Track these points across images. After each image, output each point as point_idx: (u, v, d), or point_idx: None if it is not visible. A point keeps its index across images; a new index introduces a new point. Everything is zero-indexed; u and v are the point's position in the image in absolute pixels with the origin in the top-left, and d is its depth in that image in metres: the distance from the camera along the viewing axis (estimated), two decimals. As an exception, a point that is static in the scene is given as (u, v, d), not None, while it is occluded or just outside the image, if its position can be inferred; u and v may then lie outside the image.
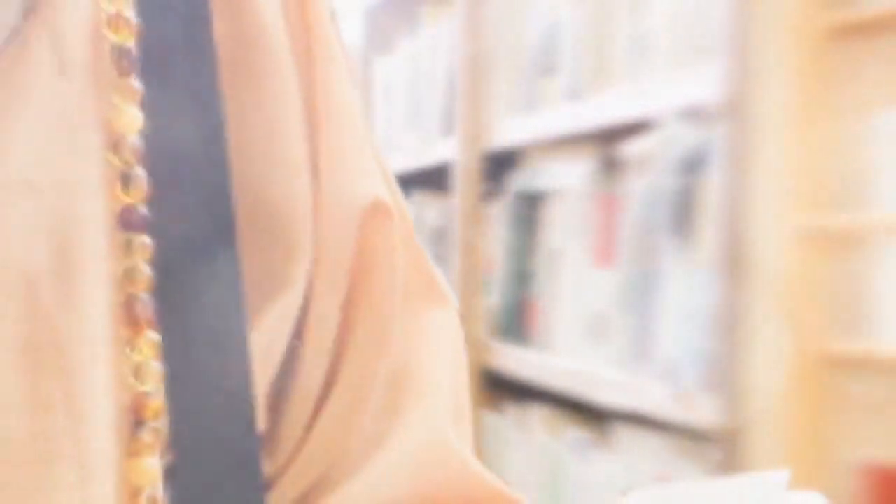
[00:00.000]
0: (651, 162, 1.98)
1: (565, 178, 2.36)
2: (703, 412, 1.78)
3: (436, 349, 0.68)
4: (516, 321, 2.59)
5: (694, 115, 1.84)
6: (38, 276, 0.53)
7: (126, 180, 0.57)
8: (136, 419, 0.56)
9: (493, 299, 2.69)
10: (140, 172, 0.57)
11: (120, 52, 0.56)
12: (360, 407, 0.64)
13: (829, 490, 1.49)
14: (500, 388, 2.67)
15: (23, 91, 0.55)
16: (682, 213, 1.89)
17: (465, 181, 2.81)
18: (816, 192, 1.55)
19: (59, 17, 0.56)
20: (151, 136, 0.58)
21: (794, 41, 1.55)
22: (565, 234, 2.37)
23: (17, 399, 0.52)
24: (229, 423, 0.58)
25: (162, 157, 0.59)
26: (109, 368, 0.55)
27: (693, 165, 1.86)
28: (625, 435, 2.12)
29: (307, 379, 0.64)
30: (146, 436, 0.56)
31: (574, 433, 2.33)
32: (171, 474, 0.58)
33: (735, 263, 1.66)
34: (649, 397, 1.95)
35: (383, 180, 0.65)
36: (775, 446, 1.61)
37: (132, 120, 0.57)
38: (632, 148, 2.07)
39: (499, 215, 2.68)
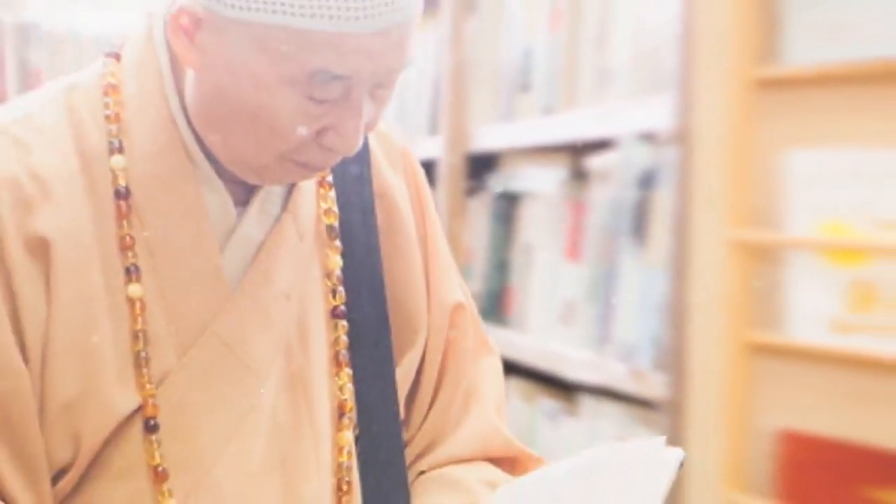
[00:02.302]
0: (613, 175, 2.17)
1: (539, 182, 2.51)
2: (653, 386, 1.96)
3: (487, 378, 1.16)
4: (496, 305, 2.69)
5: (649, 138, 2.03)
6: (291, 342, 1.06)
7: (333, 293, 1.06)
8: (340, 412, 1.04)
9: (475, 285, 2.74)
10: (341, 289, 1.05)
11: (330, 228, 1.08)
12: (449, 408, 1.12)
13: (750, 448, 1.81)
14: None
15: (281, 248, 1.05)
16: (639, 220, 2.07)
17: (449, 178, 2.90)
18: (744, 210, 1.75)
19: (299, 211, 1.06)
20: (346, 271, 1.06)
21: (729, 87, 1.76)
22: (539, 231, 2.51)
23: (284, 404, 1.02)
24: (386, 414, 1.06)
25: (351, 281, 1.06)
26: (326, 387, 1.04)
27: (647, 181, 2.05)
28: (589, 404, 2.28)
29: (423, 393, 1.12)
30: (345, 421, 1.04)
31: (546, 403, 2.48)
32: (358, 440, 1.05)
33: (680, 265, 1.87)
34: (610, 373, 2.12)
35: (459, 287, 1.13)
36: (710, 415, 1.81)
37: (336, 263, 1.06)
38: (596, 162, 2.25)
39: (480, 211, 2.80)
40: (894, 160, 1.58)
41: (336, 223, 1.07)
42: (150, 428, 1.01)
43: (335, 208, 1.08)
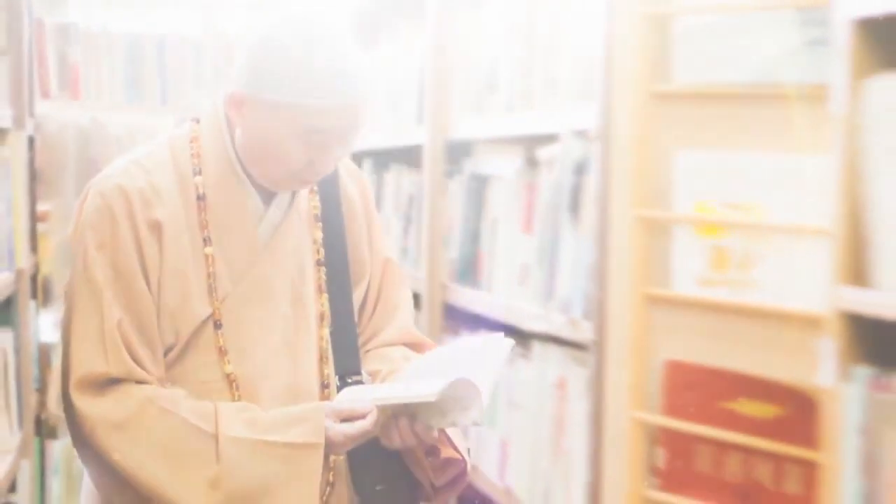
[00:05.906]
0: (556, 163, 2.56)
1: (503, 168, 2.90)
2: (584, 332, 2.34)
3: (404, 300, 1.84)
4: (470, 270, 3.05)
5: (582, 135, 2.43)
6: (294, 279, 1.73)
7: (318, 251, 1.75)
8: (321, 318, 1.74)
9: (452, 253, 3.16)
10: (322, 249, 1.74)
11: (315, 216, 1.78)
12: (382, 316, 1.81)
13: (648, 376, 2.30)
14: (457, 318, 3.10)
15: (289, 226, 1.75)
16: (574, 200, 2.46)
17: (431, 161, 3.32)
18: (646, 193, 2.16)
19: (299, 206, 1.74)
20: (325, 239, 1.75)
21: (635, 99, 2.18)
22: (502, 207, 2.89)
23: (291, 314, 1.70)
24: (347, 319, 1.75)
25: (329, 245, 1.74)
26: (314, 304, 1.74)
27: (581, 169, 2.45)
28: (538, 349, 2.65)
29: (367, 308, 1.81)
30: (324, 322, 1.75)
31: (507, 348, 2.85)
32: (332, 334, 1.77)
33: (603, 237, 2.26)
34: (553, 323, 2.49)
35: (388, 249, 1.80)
36: (624, 353, 2.22)
37: (319, 235, 1.77)
38: (544, 152, 2.65)
39: (457, 190, 3.18)
40: (748, 160, 2.03)
41: (319, 213, 1.82)
42: (217, 326, 1.76)
43: (319, 204, 1.81)
